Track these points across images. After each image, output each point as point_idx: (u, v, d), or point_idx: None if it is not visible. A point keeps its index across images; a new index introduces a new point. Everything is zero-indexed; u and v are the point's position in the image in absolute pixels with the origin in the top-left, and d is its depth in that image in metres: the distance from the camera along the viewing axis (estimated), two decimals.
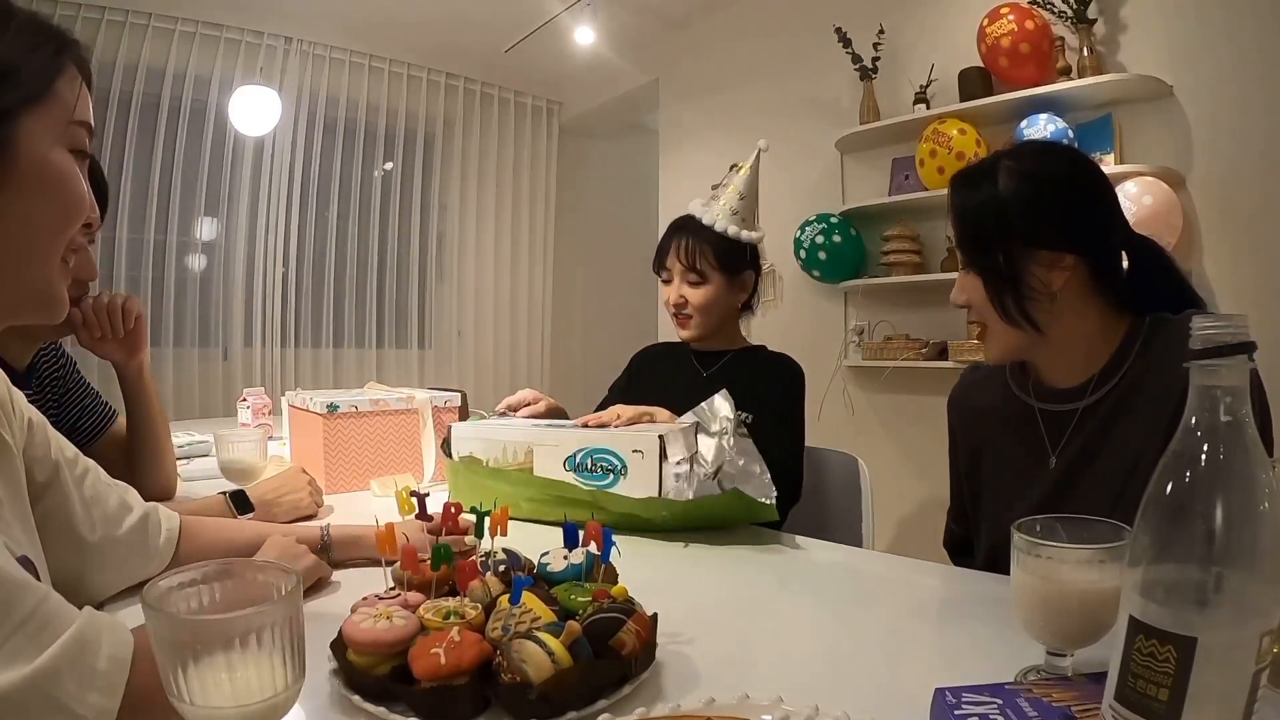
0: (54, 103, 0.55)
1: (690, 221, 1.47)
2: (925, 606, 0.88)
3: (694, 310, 1.45)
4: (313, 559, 0.85)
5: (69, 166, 0.57)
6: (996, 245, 0.91)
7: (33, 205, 0.54)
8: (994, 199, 0.91)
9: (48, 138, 0.55)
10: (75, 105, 0.57)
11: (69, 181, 0.56)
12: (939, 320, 2.71)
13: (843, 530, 1.42)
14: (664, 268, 1.49)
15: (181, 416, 3.05)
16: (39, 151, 0.54)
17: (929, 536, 1.32)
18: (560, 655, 0.54)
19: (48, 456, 0.72)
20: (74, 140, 0.57)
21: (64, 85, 0.56)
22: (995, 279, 0.92)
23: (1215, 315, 0.43)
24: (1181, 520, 0.42)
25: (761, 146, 1.50)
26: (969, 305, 0.97)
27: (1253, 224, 2.06)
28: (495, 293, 4.29)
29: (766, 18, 3.35)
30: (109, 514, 0.77)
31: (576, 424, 1.23)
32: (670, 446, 1.11)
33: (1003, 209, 0.91)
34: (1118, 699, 0.43)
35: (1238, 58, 2.06)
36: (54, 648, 0.45)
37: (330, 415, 1.38)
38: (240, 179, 3.52)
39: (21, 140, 0.53)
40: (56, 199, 0.56)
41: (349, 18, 3.55)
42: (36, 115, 0.54)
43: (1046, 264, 0.89)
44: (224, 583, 0.48)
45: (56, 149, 0.56)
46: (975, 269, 0.95)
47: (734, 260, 1.45)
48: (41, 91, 0.54)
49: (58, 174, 0.55)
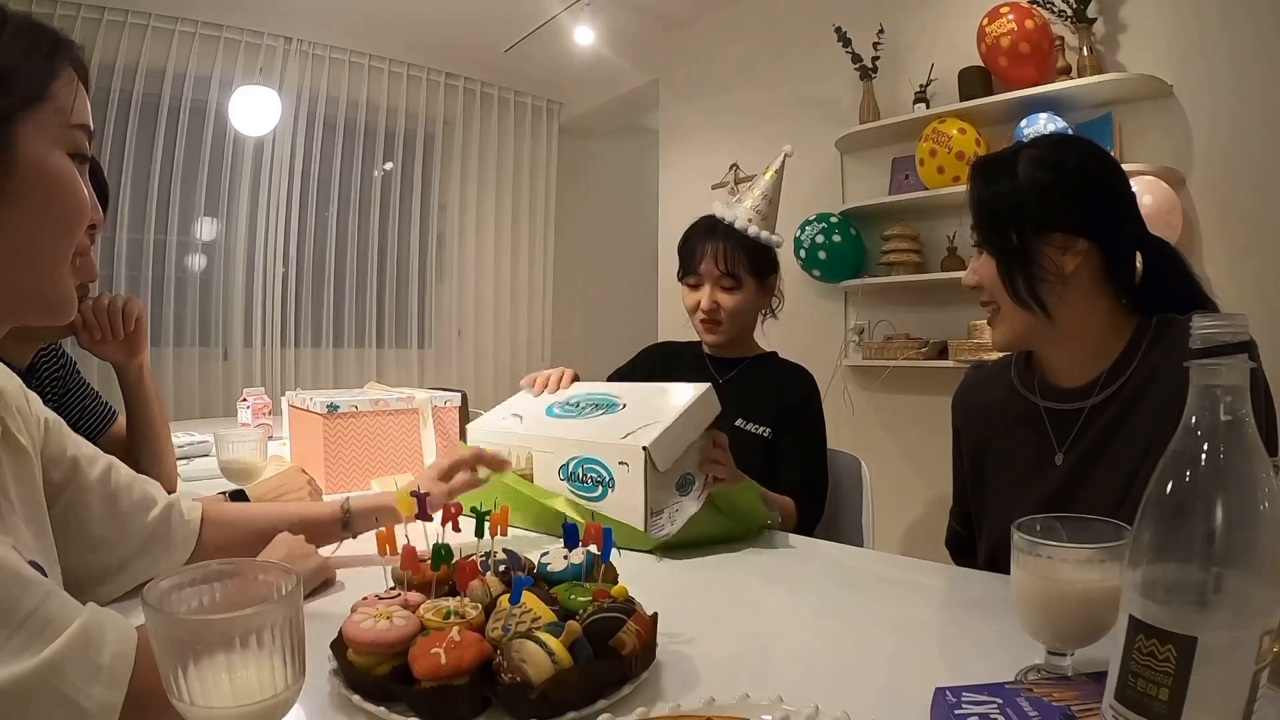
0: (51, 106, 0.55)
1: (719, 225, 1.43)
2: (925, 606, 0.88)
3: (726, 316, 1.42)
4: (318, 560, 0.86)
5: (69, 170, 0.56)
6: (1010, 225, 0.93)
7: (35, 211, 0.54)
8: (1012, 182, 0.94)
9: (45, 141, 0.54)
10: (73, 108, 0.57)
11: (69, 185, 0.56)
12: (939, 320, 2.71)
13: (845, 530, 1.42)
14: (694, 272, 1.44)
15: (181, 416, 3.05)
16: (38, 155, 0.53)
17: (929, 536, 1.32)
18: (560, 655, 0.54)
19: (64, 455, 0.73)
20: (73, 143, 0.57)
21: (61, 88, 0.56)
22: (1008, 258, 0.94)
23: (1215, 315, 0.43)
24: (1182, 520, 0.42)
25: (787, 151, 1.48)
26: (980, 286, 0.98)
27: (1252, 223, 2.06)
28: (495, 293, 4.28)
29: (766, 18, 3.35)
30: (131, 508, 0.78)
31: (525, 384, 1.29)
32: (656, 457, 1.05)
33: (1020, 191, 0.93)
34: (1118, 699, 0.43)
35: (1237, 57, 2.06)
36: (58, 642, 0.45)
37: (330, 415, 1.38)
38: (240, 179, 3.52)
39: (19, 145, 0.52)
40: (58, 204, 0.55)
41: (349, 18, 3.55)
42: (33, 119, 0.53)
43: (1059, 246, 0.91)
44: (224, 583, 0.48)
45: (55, 153, 0.55)
46: (989, 249, 0.97)
47: (765, 265, 1.43)
48: (38, 95, 0.54)
49: (58, 178, 0.55)
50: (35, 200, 0.54)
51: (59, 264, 0.56)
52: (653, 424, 1.07)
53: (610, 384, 1.27)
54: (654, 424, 1.07)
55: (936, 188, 2.50)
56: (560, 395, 1.27)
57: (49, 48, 0.56)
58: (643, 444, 1.03)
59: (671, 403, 1.12)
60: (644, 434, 1.05)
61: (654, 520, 1.03)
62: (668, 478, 1.07)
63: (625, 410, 1.14)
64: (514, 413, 1.27)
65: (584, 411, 1.19)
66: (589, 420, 1.16)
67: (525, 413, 1.27)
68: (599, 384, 1.29)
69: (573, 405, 1.21)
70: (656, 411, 1.10)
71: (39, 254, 0.55)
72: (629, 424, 1.09)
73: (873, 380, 2.90)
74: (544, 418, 1.23)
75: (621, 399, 1.17)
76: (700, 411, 1.12)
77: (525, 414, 1.26)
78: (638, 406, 1.14)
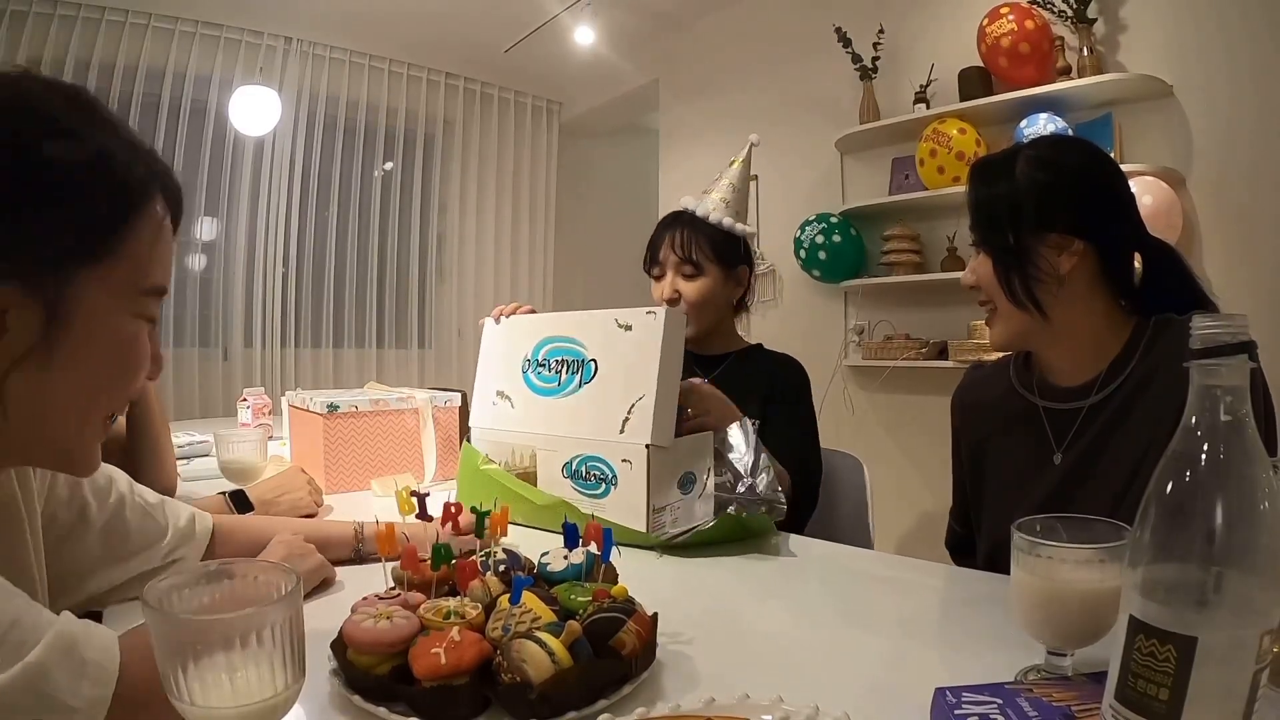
0: (125, 264, 0.47)
1: (683, 215, 1.44)
2: (925, 606, 0.88)
3: (689, 305, 1.41)
4: (318, 559, 0.85)
5: (129, 337, 0.49)
6: (1008, 225, 0.94)
7: (82, 372, 0.48)
8: (1009, 183, 0.94)
9: (109, 302, 0.47)
10: (150, 269, 0.49)
11: (126, 353, 0.49)
12: (939, 320, 2.71)
13: (846, 530, 1.42)
14: (656, 262, 1.46)
15: (181, 416, 3.05)
16: (98, 317, 0.46)
17: (929, 536, 1.32)
18: (560, 655, 0.54)
19: (75, 497, 0.69)
20: (142, 310, 0.50)
21: (139, 243, 0.48)
22: (1004, 258, 0.94)
23: (1215, 315, 0.43)
24: (1182, 520, 0.42)
25: (753, 141, 1.48)
26: (978, 285, 0.99)
27: (1252, 223, 2.06)
28: (495, 293, 4.28)
29: (766, 18, 3.35)
30: (143, 543, 0.76)
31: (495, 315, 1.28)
32: (659, 444, 1.05)
33: (1017, 191, 0.93)
34: (1118, 699, 0.43)
35: (1237, 58, 2.06)
36: (39, 648, 0.44)
37: (330, 415, 1.38)
38: (240, 179, 3.52)
39: (79, 302, 0.45)
40: (109, 370, 0.49)
41: (349, 17, 3.55)
42: (99, 276, 0.46)
43: (1055, 247, 0.92)
44: (224, 583, 0.48)
45: (119, 317, 0.48)
46: (986, 248, 0.97)
47: (729, 253, 1.43)
48: (109, 250, 0.46)
49: (116, 344, 0.49)
50: (85, 363, 0.48)
51: (89, 423, 0.51)
52: (639, 400, 1.05)
53: (569, 320, 1.19)
54: (641, 399, 1.05)
55: (936, 188, 2.50)
56: (526, 340, 1.22)
57: (139, 184, 0.49)
58: (644, 441, 1.03)
59: (644, 355, 1.07)
60: (639, 421, 1.04)
61: (656, 518, 1.04)
62: (670, 476, 1.07)
63: (600, 375, 1.12)
64: (499, 391, 1.25)
65: (559, 375, 1.16)
66: (573, 399, 1.13)
67: (508, 387, 1.23)
68: (558, 320, 1.21)
69: (545, 365, 1.19)
70: (634, 373, 1.07)
71: (69, 412, 0.50)
72: (616, 402, 1.07)
73: (873, 380, 2.90)
74: (529, 394, 1.20)
75: (589, 351, 1.13)
76: (671, 349, 1.08)
77: (509, 390, 1.23)
78: (612, 366, 1.11)
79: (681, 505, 1.08)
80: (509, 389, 1.23)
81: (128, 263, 0.48)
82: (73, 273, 0.46)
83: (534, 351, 1.21)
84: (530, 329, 1.24)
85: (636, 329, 1.10)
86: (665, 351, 1.07)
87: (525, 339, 1.23)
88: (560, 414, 1.15)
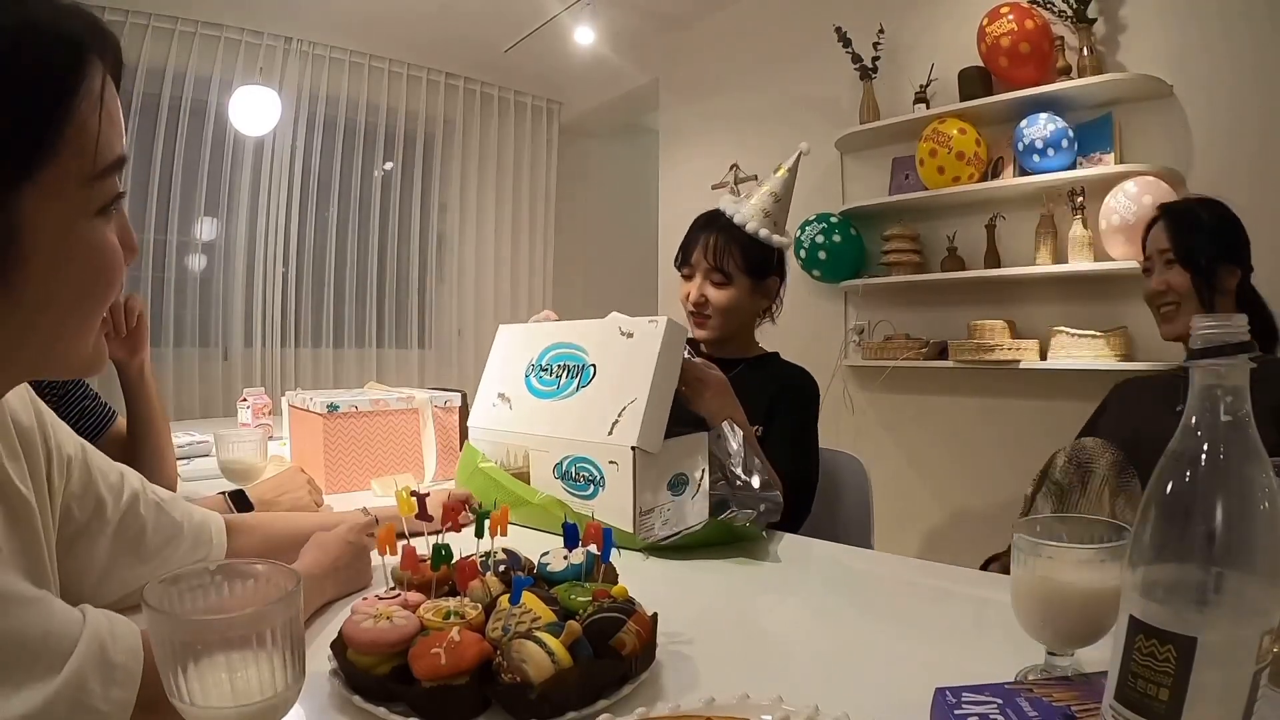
0: (66, 158, 0.43)
1: (720, 218, 1.41)
2: (925, 606, 0.88)
3: (714, 311, 1.40)
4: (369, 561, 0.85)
5: (89, 241, 0.46)
6: (1206, 253, 1.40)
7: (52, 282, 0.44)
8: (1204, 224, 1.43)
9: (59, 208, 0.43)
10: (97, 145, 0.44)
11: (92, 256, 0.46)
12: (939, 320, 2.71)
13: (846, 531, 1.42)
14: (688, 263, 1.43)
15: (181, 416, 3.05)
16: (49, 228, 0.43)
17: (929, 536, 1.32)
18: (560, 655, 0.54)
19: (89, 493, 0.68)
20: (100, 197, 0.45)
21: (77, 129, 0.43)
22: (1199, 274, 1.40)
23: (1216, 316, 0.43)
24: (1181, 520, 0.42)
25: (803, 149, 1.43)
26: (1169, 290, 1.42)
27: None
28: (495, 292, 4.28)
29: (766, 18, 3.35)
30: (159, 544, 0.75)
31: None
32: (645, 448, 1.04)
33: (1209, 231, 1.42)
34: (1118, 699, 0.43)
35: (1237, 57, 2.06)
36: (74, 656, 0.44)
37: (330, 415, 1.38)
38: (240, 179, 3.52)
39: (22, 217, 0.42)
40: (79, 275, 0.46)
41: (349, 17, 3.55)
42: (39, 184, 0.42)
43: (1227, 271, 1.40)
44: (225, 583, 0.48)
45: (75, 221, 0.44)
46: (1187, 266, 1.41)
47: (761, 264, 1.41)
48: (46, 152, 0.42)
49: (77, 252, 0.45)
50: (51, 273, 0.44)
51: (86, 329, 0.49)
52: (630, 403, 1.04)
53: (577, 328, 1.20)
54: (633, 402, 1.04)
55: (936, 188, 2.50)
56: (534, 346, 1.23)
57: (64, 66, 0.42)
58: (630, 443, 1.02)
59: (641, 361, 1.07)
60: (628, 424, 1.03)
61: (643, 520, 1.03)
62: (659, 477, 1.06)
63: (597, 379, 1.12)
64: (500, 393, 1.25)
65: (559, 379, 1.16)
66: (569, 401, 1.13)
67: (509, 390, 1.23)
68: (568, 328, 1.22)
69: (547, 370, 1.19)
70: (629, 377, 1.07)
71: (61, 322, 0.47)
72: (608, 404, 1.07)
73: (873, 380, 2.90)
74: (528, 396, 1.20)
75: (589, 356, 1.14)
76: (669, 357, 1.08)
77: (510, 392, 1.23)
78: (609, 370, 1.11)
79: (673, 506, 1.07)
80: (510, 391, 1.23)
81: (73, 159, 0.43)
82: (10, 197, 0.41)
83: (539, 357, 1.21)
84: (540, 335, 1.24)
85: (637, 336, 1.11)
86: (662, 359, 1.07)
87: (534, 344, 1.24)
88: (554, 416, 1.15)
